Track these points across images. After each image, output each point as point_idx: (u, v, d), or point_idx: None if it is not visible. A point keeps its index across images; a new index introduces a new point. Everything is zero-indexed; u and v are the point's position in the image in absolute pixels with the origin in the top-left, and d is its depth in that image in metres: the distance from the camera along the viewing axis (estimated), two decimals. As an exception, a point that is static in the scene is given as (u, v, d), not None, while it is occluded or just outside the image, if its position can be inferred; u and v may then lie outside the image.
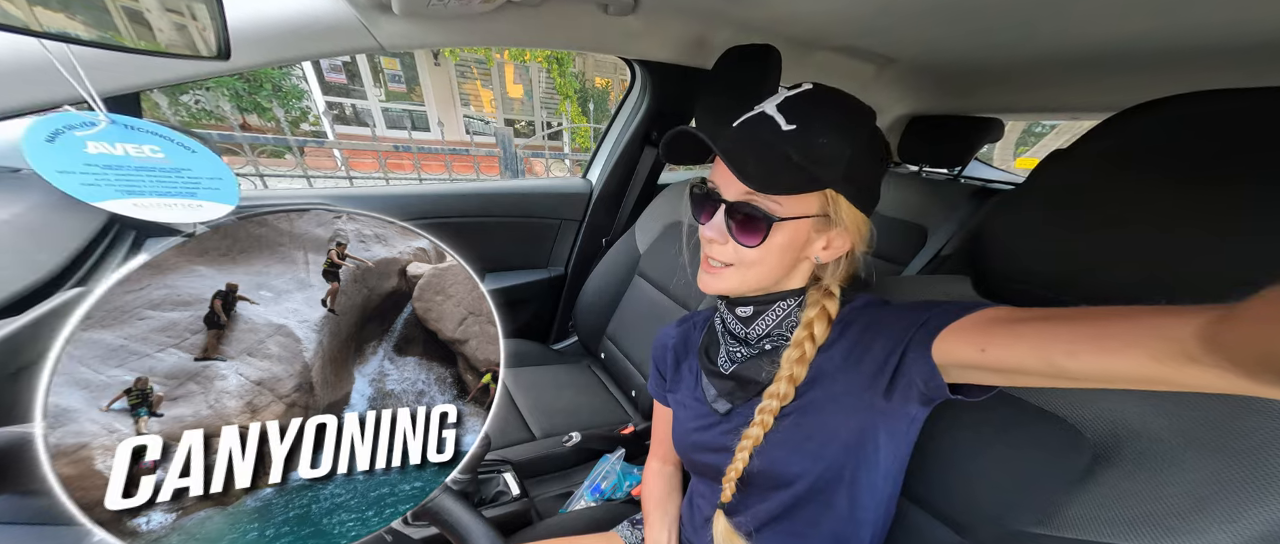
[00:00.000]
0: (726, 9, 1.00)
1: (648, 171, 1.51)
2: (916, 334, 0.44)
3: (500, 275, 1.50)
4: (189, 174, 0.28)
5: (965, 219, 1.28)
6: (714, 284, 0.53)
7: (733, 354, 0.58)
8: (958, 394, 0.44)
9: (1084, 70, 1.10)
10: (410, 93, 8.26)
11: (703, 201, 0.52)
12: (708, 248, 0.52)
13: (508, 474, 0.93)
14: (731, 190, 0.49)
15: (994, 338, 0.38)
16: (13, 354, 0.35)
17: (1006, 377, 0.39)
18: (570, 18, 0.98)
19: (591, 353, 1.43)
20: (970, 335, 0.40)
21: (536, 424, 1.13)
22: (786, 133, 0.46)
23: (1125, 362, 0.29)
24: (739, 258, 0.50)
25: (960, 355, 0.41)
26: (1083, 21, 0.84)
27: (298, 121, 6.63)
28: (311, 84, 7.12)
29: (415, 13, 0.83)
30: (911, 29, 1.02)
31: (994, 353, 0.38)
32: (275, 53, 0.78)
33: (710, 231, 0.51)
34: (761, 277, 0.52)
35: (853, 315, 0.53)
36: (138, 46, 0.30)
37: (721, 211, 0.50)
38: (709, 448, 0.60)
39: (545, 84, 8.09)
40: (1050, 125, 4.84)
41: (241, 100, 5.99)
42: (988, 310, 0.41)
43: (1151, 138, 0.43)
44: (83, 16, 0.27)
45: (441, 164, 4.53)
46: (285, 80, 6.50)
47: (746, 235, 0.48)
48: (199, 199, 0.29)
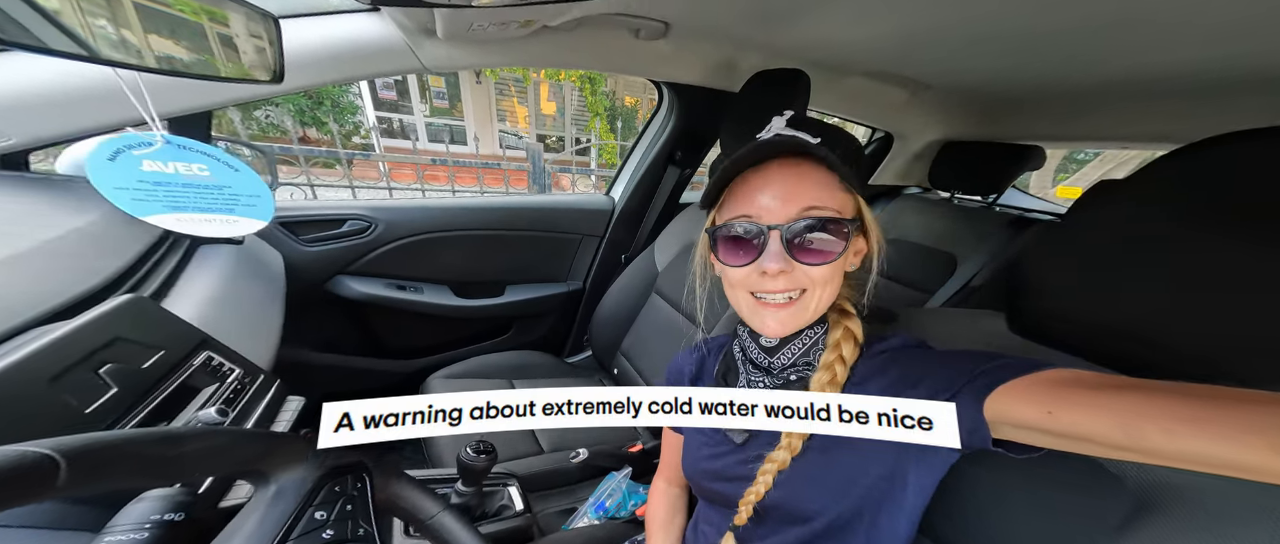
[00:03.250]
0: (756, 34, 1.01)
1: (670, 190, 1.53)
2: (968, 385, 0.42)
3: (520, 287, 1.53)
4: (229, 191, 0.31)
5: (999, 249, 1.23)
6: (788, 323, 0.49)
7: (754, 384, 0.57)
8: (999, 448, 0.41)
9: (1134, 98, 1.05)
10: (452, 109, 8.70)
11: (738, 242, 0.48)
12: (766, 282, 0.48)
13: (513, 488, 0.93)
14: (785, 211, 0.46)
15: (1064, 402, 0.35)
16: (57, 358, 0.38)
17: (1069, 443, 0.36)
18: (603, 41, 1.01)
19: (605, 368, 1.44)
20: (1035, 396, 0.38)
21: (545, 438, 1.13)
22: (817, 145, 0.45)
23: (1242, 451, 0.27)
24: (810, 280, 0.47)
25: (1019, 414, 0.38)
26: (1132, 50, 0.80)
27: (350, 135, 7.16)
28: (366, 100, 7.68)
29: (457, 36, 0.88)
30: (946, 56, 1.00)
31: (1064, 418, 0.35)
32: (331, 74, 0.85)
33: (772, 264, 0.46)
34: (829, 297, 0.49)
35: (892, 355, 0.51)
36: (202, 73, 0.33)
37: (775, 239, 0.46)
38: (722, 476, 0.59)
39: (577, 102, 8.33)
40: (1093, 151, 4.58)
41: (304, 115, 6.54)
42: (1052, 371, 0.39)
43: (1220, 178, 0.39)
44: (155, 47, 0.31)
45: (474, 177, 4.71)
46: (343, 97, 7.05)
47: (817, 254, 0.46)
48: (236, 215, 0.32)
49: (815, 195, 0.46)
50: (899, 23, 0.83)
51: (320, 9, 0.84)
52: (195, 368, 0.49)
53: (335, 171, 4.69)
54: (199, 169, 0.31)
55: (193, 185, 0.31)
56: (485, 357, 1.36)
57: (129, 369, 0.41)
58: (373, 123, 7.56)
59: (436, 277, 1.41)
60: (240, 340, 0.58)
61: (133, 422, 0.41)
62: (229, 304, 0.64)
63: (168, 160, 0.30)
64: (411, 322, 1.39)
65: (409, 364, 1.45)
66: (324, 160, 4.54)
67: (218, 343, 0.51)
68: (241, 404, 0.52)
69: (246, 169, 0.32)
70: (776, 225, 0.46)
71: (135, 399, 0.42)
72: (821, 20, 0.88)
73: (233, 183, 0.32)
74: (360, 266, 1.29)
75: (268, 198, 0.33)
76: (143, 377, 0.43)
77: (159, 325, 0.46)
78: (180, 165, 0.30)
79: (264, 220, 0.33)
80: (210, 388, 0.50)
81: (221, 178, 0.32)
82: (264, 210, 0.33)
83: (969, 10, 0.74)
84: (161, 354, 0.44)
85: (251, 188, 0.32)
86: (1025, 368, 0.40)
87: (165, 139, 0.30)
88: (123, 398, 0.41)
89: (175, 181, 0.30)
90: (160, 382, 0.45)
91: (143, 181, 0.29)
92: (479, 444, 0.74)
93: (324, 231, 1.22)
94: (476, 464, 0.73)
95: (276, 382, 0.57)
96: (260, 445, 0.36)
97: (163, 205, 0.29)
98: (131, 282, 0.51)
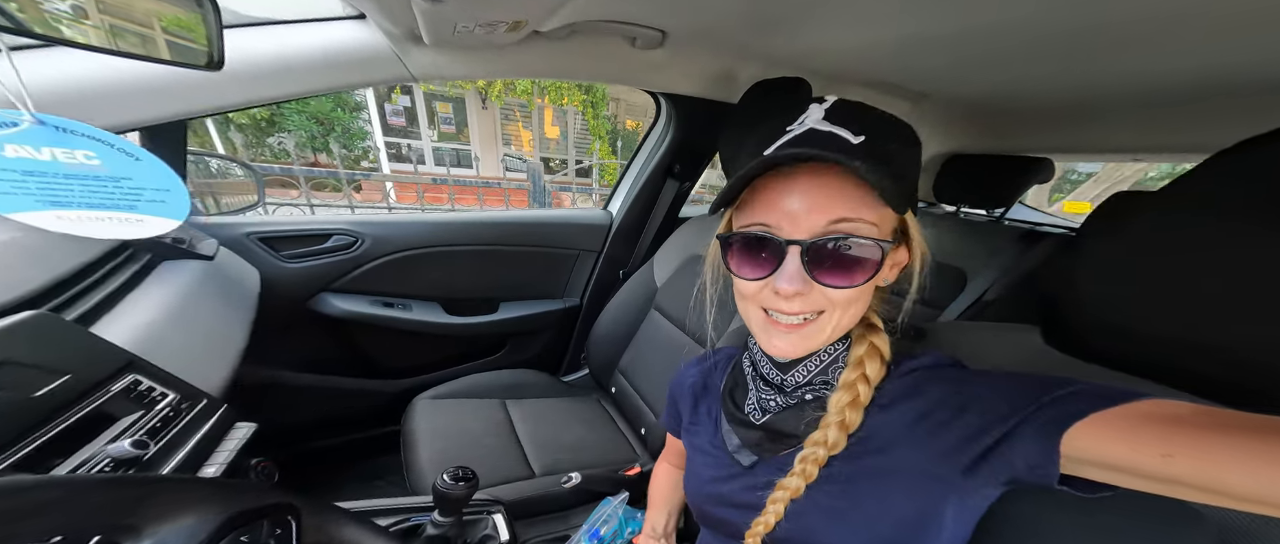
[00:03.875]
0: (753, 43, 0.99)
1: (669, 204, 1.49)
2: (1035, 414, 0.36)
3: (514, 304, 1.48)
4: (129, 184, 0.26)
5: (1010, 264, 1.18)
6: (803, 345, 0.44)
7: (765, 402, 0.51)
8: (1063, 485, 0.35)
9: (1145, 108, 1.01)
10: (459, 134, 8.87)
11: (753, 252, 0.42)
12: (780, 302, 0.42)
13: (498, 516, 0.86)
14: (809, 223, 0.39)
15: (1191, 446, 0.29)
16: None
17: (1186, 491, 0.30)
18: (597, 51, 0.99)
19: (602, 387, 1.38)
20: (1139, 435, 0.32)
21: (537, 460, 1.07)
22: (859, 146, 0.37)
23: None
24: (828, 300, 0.41)
25: (1115, 454, 0.32)
26: (1142, 59, 0.77)
27: (359, 159, 7.34)
28: (375, 126, 7.87)
29: (444, 42, 0.86)
30: (946, 63, 0.97)
31: (1189, 465, 0.29)
32: (316, 82, 0.83)
33: (786, 284, 0.40)
34: (853, 319, 0.44)
35: (925, 375, 0.45)
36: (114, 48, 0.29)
37: (793, 255, 0.40)
38: (727, 502, 0.53)
39: (580, 125, 8.48)
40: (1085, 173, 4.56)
41: (314, 141, 6.70)
42: (1146, 403, 0.33)
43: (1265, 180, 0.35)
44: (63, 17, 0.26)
45: (474, 197, 4.73)
46: (353, 123, 7.26)
47: (843, 274, 0.39)
48: (139, 213, 0.27)
49: (848, 206, 0.38)
50: (900, 31, 0.81)
51: (305, 15, 0.83)
52: (114, 394, 0.43)
53: (340, 194, 4.77)
54: (85, 156, 0.26)
55: (78, 176, 0.26)
56: (476, 376, 1.31)
57: (13, 398, 0.35)
58: (380, 147, 7.73)
59: (426, 293, 1.36)
60: (189, 360, 0.53)
61: (6, 461, 0.35)
62: (180, 322, 0.59)
63: (40, 144, 0.25)
64: (399, 340, 1.34)
65: (396, 384, 1.39)
66: (332, 183, 4.59)
67: (149, 365, 0.46)
68: (171, 434, 0.46)
69: (151, 158, 0.28)
70: (797, 240, 0.39)
71: (17, 435, 0.36)
72: (822, 29, 0.86)
73: (133, 173, 0.27)
74: (345, 283, 1.24)
75: (180, 192, 0.29)
76: (32, 407, 0.37)
77: (69, 347, 0.40)
78: (59, 151, 0.26)
79: (177, 219, 0.29)
80: (132, 416, 0.44)
81: (117, 168, 0.27)
82: (177, 209, 0.29)
83: (971, 20, 0.72)
84: (66, 379, 0.39)
85: (159, 180, 0.28)
86: (1111, 397, 0.34)
87: (36, 118, 0.25)
88: None
89: (54, 171, 0.26)
90: (59, 412, 0.39)
91: (7, 170, 0.24)
92: (458, 470, 0.69)
93: (307, 247, 1.18)
94: (454, 492, 0.66)
95: (221, 407, 0.51)
96: (120, 493, 0.28)
97: (36, 200, 0.25)
98: (61, 298, 0.46)
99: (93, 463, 0.38)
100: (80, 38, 0.27)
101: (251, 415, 0.59)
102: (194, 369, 0.53)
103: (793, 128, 0.40)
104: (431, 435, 1.07)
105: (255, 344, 0.83)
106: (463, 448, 1.06)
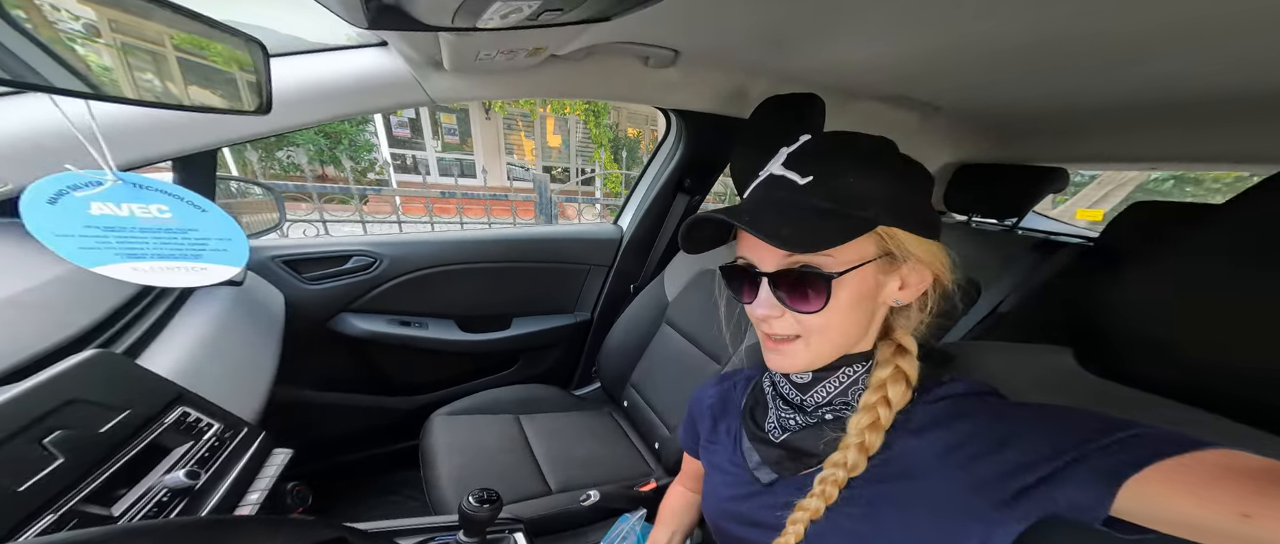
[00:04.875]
0: (765, 60, 1.00)
1: (679, 218, 1.50)
2: (1090, 456, 0.35)
3: (526, 320, 1.49)
4: (195, 235, 0.28)
5: (1026, 274, 1.17)
6: (786, 363, 0.47)
7: (784, 421, 0.52)
8: (1105, 526, 0.35)
9: (1164, 114, 1.01)
10: (463, 144, 9.00)
11: (740, 279, 0.47)
12: (764, 325, 0.46)
13: (519, 534, 0.87)
14: (771, 259, 0.44)
15: (1267, 505, 0.28)
16: (12, 416, 0.34)
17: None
18: (611, 71, 1.01)
19: (614, 400, 1.38)
20: (1211, 489, 0.30)
21: (553, 476, 1.08)
22: (805, 186, 0.42)
23: None
24: (804, 327, 0.45)
25: (1182, 509, 0.30)
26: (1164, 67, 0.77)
27: (365, 171, 7.43)
28: (381, 138, 8.01)
29: (464, 68, 0.88)
30: (958, 78, 0.98)
31: (1269, 527, 0.27)
32: (340, 108, 0.85)
33: (761, 309, 0.45)
34: (836, 341, 0.46)
35: (958, 403, 0.45)
36: (179, 104, 0.31)
37: (764, 285, 0.44)
38: (746, 520, 0.53)
39: (581, 134, 8.57)
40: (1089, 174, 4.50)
41: (323, 154, 6.82)
42: (1214, 453, 0.31)
43: None
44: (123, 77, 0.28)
45: (482, 208, 4.77)
46: (360, 136, 7.38)
47: (803, 302, 0.43)
48: (204, 261, 0.28)
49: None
50: (909, 47, 0.81)
51: (329, 44, 0.85)
52: (167, 426, 0.44)
53: (349, 207, 4.85)
54: (159, 211, 0.27)
55: (153, 230, 0.27)
56: (491, 392, 1.32)
57: (82, 435, 0.37)
58: (387, 158, 7.85)
59: (442, 311, 1.38)
60: (228, 389, 0.54)
61: (79, 495, 0.37)
62: (217, 351, 0.61)
63: (121, 201, 0.27)
64: (416, 357, 1.35)
65: (412, 400, 1.41)
66: (339, 197, 4.68)
67: (195, 397, 0.47)
68: (217, 463, 0.47)
69: (215, 209, 0.29)
70: (764, 272, 0.44)
71: (86, 469, 0.38)
72: (832, 45, 0.87)
73: (200, 225, 0.29)
74: (364, 303, 1.26)
75: (240, 240, 0.30)
76: (98, 442, 0.39)
77: (126, 382, 0.42)
78: (136, 207, 0.27)
79: (237, 266, 0.30)
80: (183, 447, 0.46)
81: (186, 220, 0.28)
82: (237, 255, 0.30)
83: (979, 36, 0.72)
84: (126, 414, 0.40)
85: (222, 230, 0.29)
86: (1177, 444, 0.32)
87: (117, 177, 0.27)
88: (70, 468, 0.37)
89: (131, 226, 0.27)
90: (121, 446, 0.40)
91: (91, 227, 0.26)
92: (482, 492, 0.70)
93: (328, 269, 1.20)
94: (479, 514, 0.68)
95: (261, 435, 0.53)
96: (204, 536, 0.29)
97: (116, 254, 0.26)
98: (109, 333, 0.48)
99: (152, 493, 0.40)
100: (147, 97, 0.29)
101: (277, 434, 0.60)
102: (232, 397, 0.54)
103: (763, 172, 0.46)
104: (449, 452, 1.08)
105: (280, 365, 0.84)
106: (480, 465, 1.07)
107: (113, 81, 0.27)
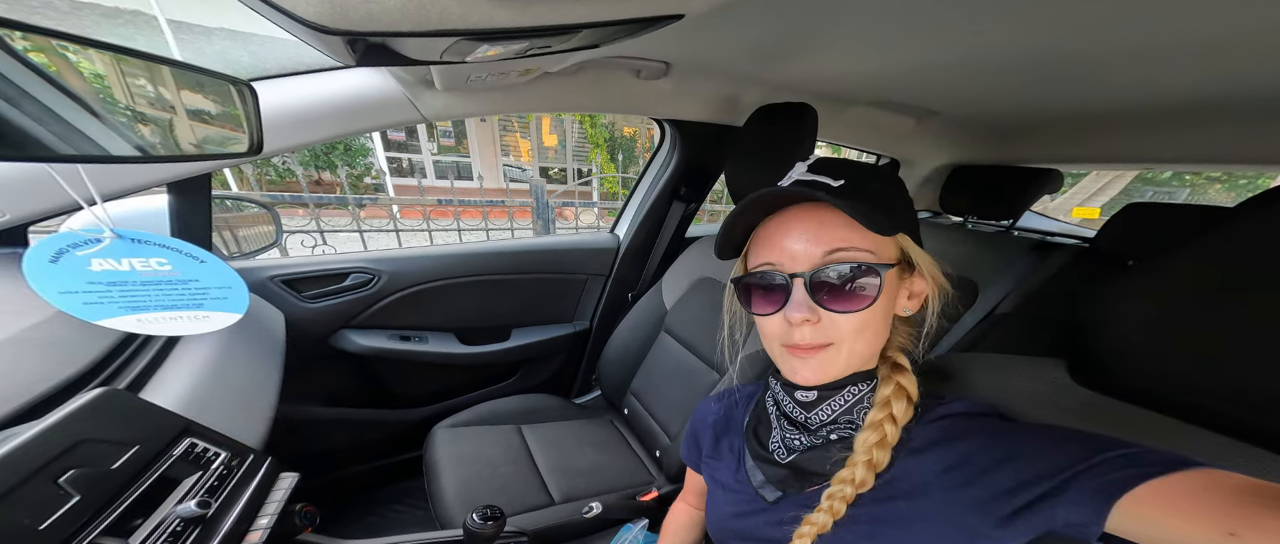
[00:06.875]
0: (757, 71, 1.01)
1: (675, 226, 1.51)
2: (1084, 474, 0.36)
3: (526, 330, 1.50)
4: (196, 285, 0.28)
5: (1023, 275, 1.18)
6: (818, 373, 0.46)
7: (789, 441, 0.52)
8: (1102, 542, 0.36)
9: (1157, 117, 1.02)
10: (458, 146, 8.99)
11: (763, 290, 0.46)
12: (793, 334, 0.45)
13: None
14: (808, 258, 0.43)
15: (1252, 523, 0.29)
16: (5, 476, 0.35)
17: None
18: (604, 84, 1.01)
19: (614, 408, 1.39)
20: (1199, 507, 0.31)
21: (555, 487, 1.08)
22: (840, 188, 0.42)
23: None
24: (838, 331, 0.44)
25: (1170, 527, 0.31)
26: (1146, 74, 0.78)
27: (361, 176, 7.41)
28: (376, 143, 8.02)
29: (456, 88, 0.88)
30: (952, 83, 0.98)
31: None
32: (332, 129, 0.85)
33: (796, 313, 0.43)
34: (868, 345, 0.46)
35: (956, 423, 0.46)
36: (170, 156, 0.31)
37: (799, 287, 0.43)
38: (750, 537, 0.54)
39: (577, 134, 8.57)
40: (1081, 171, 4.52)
41: (319, 161, 6.82)
42: (1202, 472, 0.32)
43: None
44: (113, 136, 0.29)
45: (479, 213, 4.77)
46: (356, 141, 7.40)
47: (847, 300, 0.42)
48: (206, 309, 0.29)
49: (843, 236, 0.42)
50: (901, 54, 0.82)
51: (321, 66, 0.85)
52: (175, 458, 0.45)
53: (346, 213, 4.84)
54: (158, 263, 0.28)
55: (154, 282, 0.28)
56: (493, 403, 1.32)
57: (95, 473, 0.38)
58: (384, 163, 7.85)
59: (442, 324, 1.38)
60: (233, 413, 0.55)
61: (97, 529, 0.37)
62: (220, 377, 0.61)
63: (121, 257, 0.27)
64: (417, 371, 1.36)
65: (415, 413, 1.41)
66: (336, 205, 4.66)
67: (201, 428, 0.48)
68: (226, 492, 0.48)
69: (213, 260, 0.30)
70: (800, 273, 0.43)
71: (101, 504, 0.39)
72: (823, 57, 0.88)
73: (199, 275, 0.29)
74: (364, 319, 1.26)
75: (240, 288, 0.31)
76: (111, 478, 0.39)
77: (133, 418, 0.43)
78: (136, 261, 0.27)
79: (238, 313, 0.31)
80: (192, 477, 0.46)
81: (186, 271, 0.29)
82: (237, 302, 0.31)
83: (971, 46, 0.73)
84: (136, 450, 0.41)
85: (221, 278, 0.30)
86: (1166, 464, 0.33)
87: (115, 234, 0.27)
88: (86, 505, 0.37)
89: (133, 280, 0.28)
90: (133, 480, 0.41)
91: (94, 283, 0.26)
92: (486, 509, 0.72)
93: (327, 287, 1.20)
94: (484, 531, 0.70)
95: (267, 460, 0.53)
96: None
97: (119, 307, 0.27)
98: (112, 368, 0.48)
99: (166, 524, 0.41)
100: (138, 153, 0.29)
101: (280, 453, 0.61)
102: (238, 421, 0.55)
103: (782, 182, 0.46)
104: (453, 464, 1.08)
105: (283, 384, 0.85)
106: (484, 477, 1.07)
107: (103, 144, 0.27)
